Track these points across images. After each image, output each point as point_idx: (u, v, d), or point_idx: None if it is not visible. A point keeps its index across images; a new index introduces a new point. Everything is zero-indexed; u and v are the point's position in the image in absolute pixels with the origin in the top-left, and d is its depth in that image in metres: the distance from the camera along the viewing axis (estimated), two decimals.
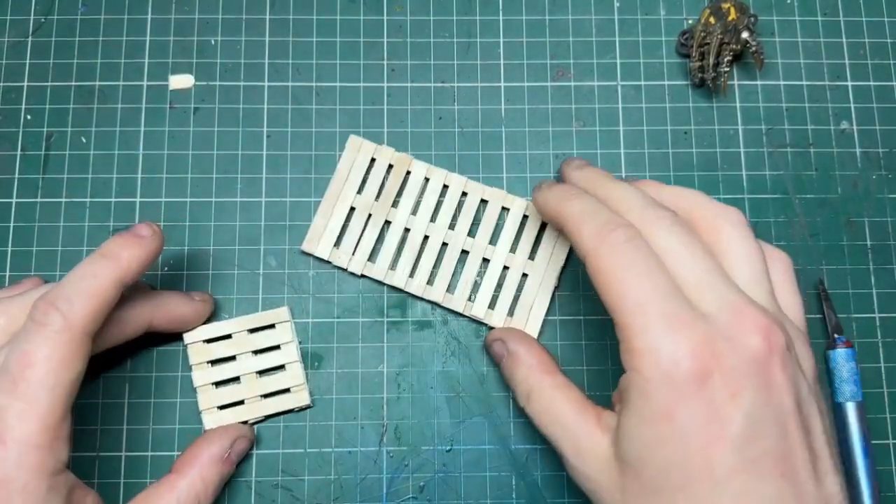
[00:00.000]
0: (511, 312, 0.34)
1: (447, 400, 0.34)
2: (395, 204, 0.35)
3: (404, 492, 0.33)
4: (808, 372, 0.26)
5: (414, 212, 0.35)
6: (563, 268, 0.34)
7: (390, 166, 0.35)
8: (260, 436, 0.33)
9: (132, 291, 0.30)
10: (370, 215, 0.35)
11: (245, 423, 0.32)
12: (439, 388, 0.34)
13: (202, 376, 0.33)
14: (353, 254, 0.34)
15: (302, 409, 0.33)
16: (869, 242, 0.36)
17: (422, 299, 0.34)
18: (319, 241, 0.34)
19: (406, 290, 0.34)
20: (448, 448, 0.33)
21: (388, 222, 0.35)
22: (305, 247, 0.34)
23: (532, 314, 0.34)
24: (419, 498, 0.33)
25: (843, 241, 0.36)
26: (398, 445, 0.33)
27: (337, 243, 0.34)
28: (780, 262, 0.28)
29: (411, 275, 0.34)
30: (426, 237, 0.34)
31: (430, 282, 0.34)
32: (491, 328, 0.34)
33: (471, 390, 0.34)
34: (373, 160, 0.35)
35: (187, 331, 0.33)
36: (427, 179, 0.35)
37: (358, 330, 0.34)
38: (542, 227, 0.35)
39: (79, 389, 0.26)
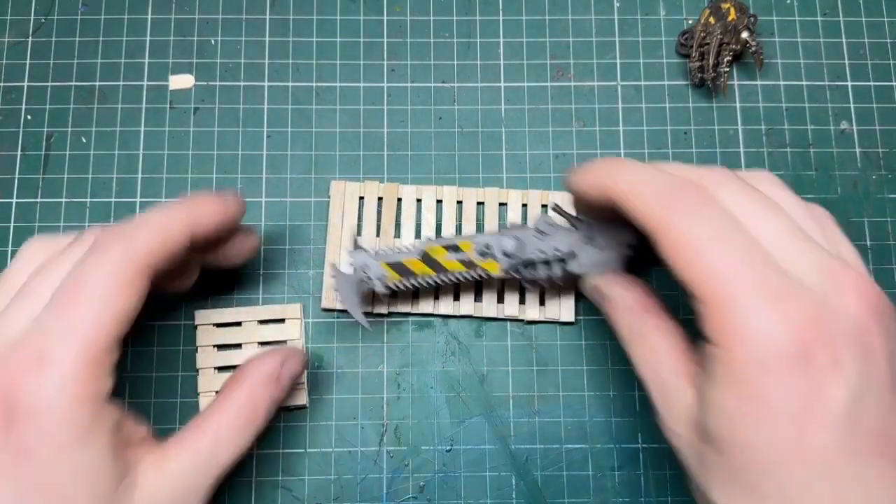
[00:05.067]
0: (542, 301, 0.34)
1: (447, 400, 0.34)
2: (397, 234, 0.35)
3: (404, 492, 0.33)
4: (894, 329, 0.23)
5: (417, 235, 0.35)
6: None
7: (380, 199, 0.35)
8: (260, 436, 0.33)
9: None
10: None
11: None
12: (439, 388, 0.34)
13: (206, 359, 0.33)
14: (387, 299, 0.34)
15: (297, 408, 0.33)
16: (869, 242, 0.36)
17: (454, 317, 0.34)
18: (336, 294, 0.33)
19: (436, 313, 0.34)
20: (448, 448, 0.33)
21: None
22: (325, 304, 0.34)
23: (563, 298, 0.34)
24: (419, 498, 0.33)
25: None
26: (398, 445, 0.33)
27: (372, 297, 0.34)
28: (817, 210, 0.26)
29: (436, 297, 0.34)
30: None
31: (456, 297, 0.34)
32: (529, 323, 0.34)
33: (471, 390, 0.34)
34: (361, 198, 0.35)
35: (236, 266, 0.31)
36: (419, 200, 0.35)
37: (358, 330, 0.34)
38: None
39: (132, 327, 0.24)
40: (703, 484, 0.23)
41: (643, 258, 0.29)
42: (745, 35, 0.35)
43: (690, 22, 0.38)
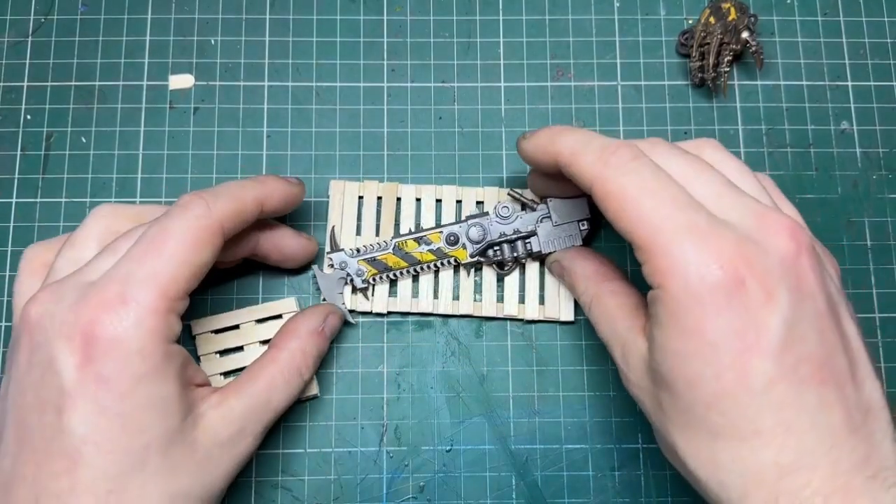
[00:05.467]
0: (542, 300, 0.34)
1: (447, 400, 0.34)
2: (396, 233, 0.34)
3: (404, 492, 0.33)
4: (833, 273, 0.25)
5: None
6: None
7: (379, 198, 0.35)
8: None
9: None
10: None
11: None
12: (439, 388, 0.34)
13: (211, 366, 0.33)
14: (372, 295, 0.34)
15: (309, 398, 0.33)
16: (869, 242, 0.36)
17: (453, 316, 0.34)
18: None
19: (435, 312, 0.34)
20: (448, 448, 0.33)
21: None
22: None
23: (562, 295, 0.34)
24: (419, 498, 0.33)
25: (843, 242, 0.36)
26: (398, 445, 0.33)
27: (353, 290, 0.34)
28: (766, 179, 0.28)
29: (435, 296, 0.34)
30: None
31: (455, 297, 0.34)
32: (528, 322, 0.34)
33: (471, 390, 0.34)
34: (360, 198, 0.35)
35: (293, 266, 0.33)
36: (419, 200, 0.35)
37: (358, 330, 0.34)
38: None
39: (202, 280, 0.27)
40: (662, 428, 0.25)
41: (594, 226, 0.33)
42: (745, 35, 0.35)
43: (690, 22, 0.38)
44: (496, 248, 0.33)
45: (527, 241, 0.33)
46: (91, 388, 0.24)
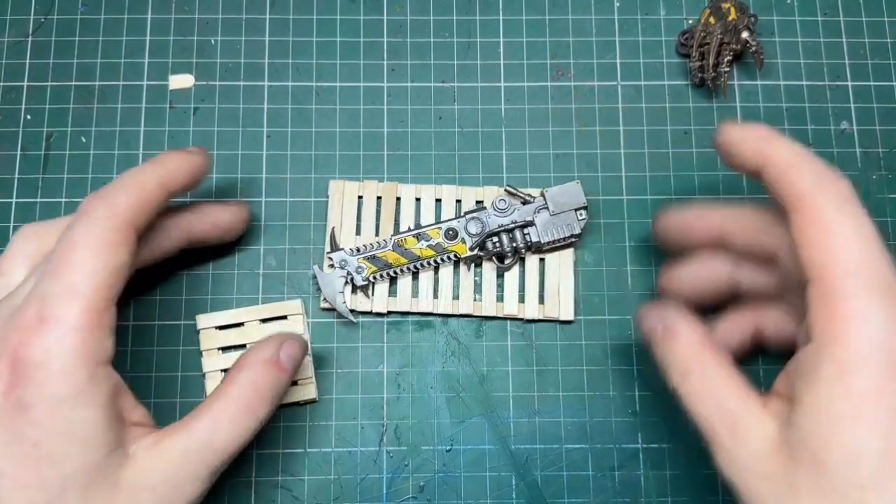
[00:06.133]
0: (542, 300, 0.34)
1: (447, 400, 0.34)
2: (396, 232, 0.34)
3: (404, 492, 0.33)
4: None
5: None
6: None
7: (379, 198, 0.35)
8: (260, 436, 0.33)
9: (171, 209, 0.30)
10: None
11: None
12: (439, 388, 0.34)
13: (212, 362, 0.33)
14: (372, 294, 0.34)
15: (307, 402, 0.33)
16: None
17: (453, 316, 0.34)
18: None
19: (435, 312, 0.34)
20: (448, 448, 0.33)
21: None
22: (324, 304, 0.34)
23: (562, 295, 0.34)
24: (419, 498, 0.33)
25: None
26: (398, 445, 0.33)
27: (353, 290, 0.34)
28: None
29: (435, 296, 0.34)
30: None
31: (455, 296, 0.34)
32: (528, 321, 0.34)
33: (471, 390, 0.34)
34: (360, 197, 0.35)
35: (234, 236, 0.33)
36: (418, 199, 0.35)
37: (358, 330, 0.34)
38: None
39: (124, 285, 0.25)
40: None
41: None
42: (745, 35, 0.35)
43: (690, 22, 0.38)
44: (495, 239, 0.34)
45: (525, 231, 0.33)
46: (10, 415, 0.22)
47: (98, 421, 0.23)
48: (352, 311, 0.34)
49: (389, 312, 0.34)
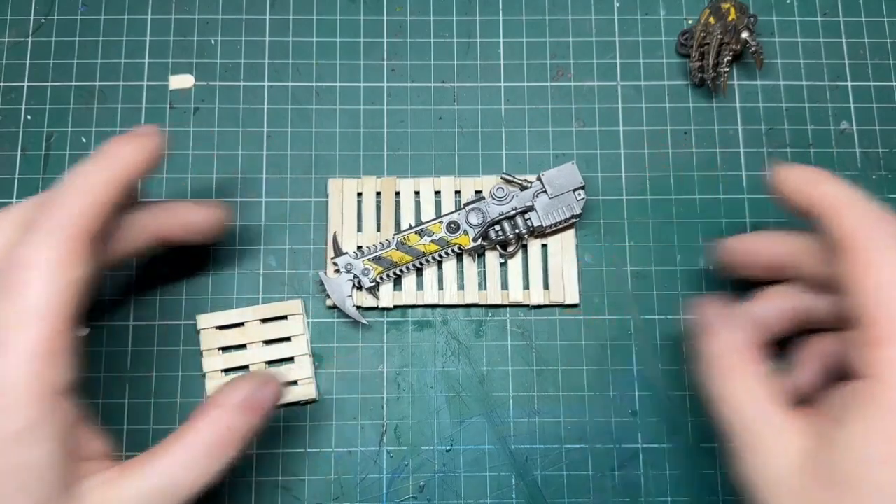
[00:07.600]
0: (546, 285, 0.34)
1: (447, 400, 0.34)
2: (397, 228, 0.35)
3: (404, 492, 0.33)
4: None
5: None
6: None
7: (378, 194, 0.35)
8: (260, 436, 0.33)
9: (141, 204, 0.29)
10: None
11: None
12: (439, 388, 0.34)
13: (212, 362, 0.33)
14: (378, 293, 0.34)
15: (308, 402, 0.33)
16: None
17: (459, 306, 0.34)
18: None
19: (441, 303, 0.34)
20: (448, 448, 0.33)
21: None
22: (330, 302, 0.34)
23: (566, 280, 0.34)
24: (419, 498, 0.33)
25: None
26: (398, 445, 0.33)
27: (359, 289, 0.34)
28: None
29: (440, 287, 0.34)
30: None
31: (460, 287, 0.34)
32: (534, 307, 0.34)
33: (471, 390, 0.34)
34: (359, 194, 0.35)
35: (209, 239, 0.31)
36: (417, 193, 0.35)
37: (358, 330, 0.34)
38: None
39: (84, 300, 0.23)
40: None
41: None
42: (745, 35, 0.35)
43: (690, 22, 0.38)
44: (497, 228, 0.34)
45: (526, 217, 0.34)
46: None
47: (50, 458, 0.22)
48: (358, 307, 0.33)
49: (396, 307, 0.34)
